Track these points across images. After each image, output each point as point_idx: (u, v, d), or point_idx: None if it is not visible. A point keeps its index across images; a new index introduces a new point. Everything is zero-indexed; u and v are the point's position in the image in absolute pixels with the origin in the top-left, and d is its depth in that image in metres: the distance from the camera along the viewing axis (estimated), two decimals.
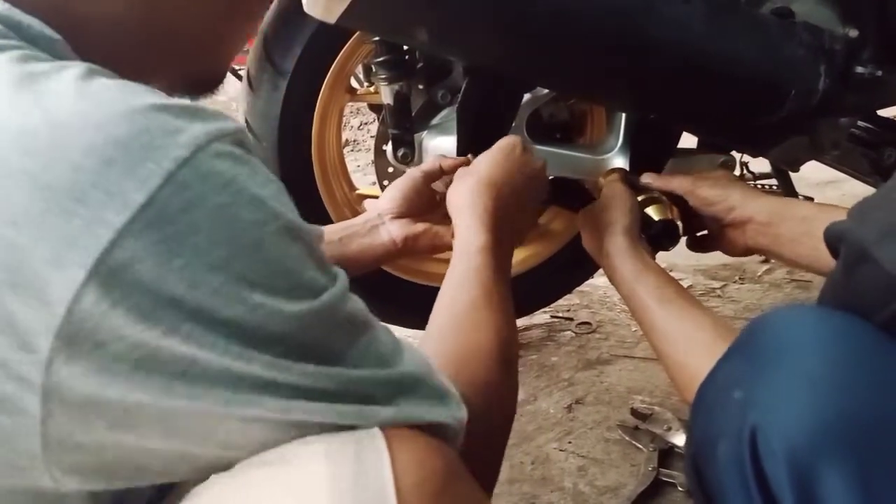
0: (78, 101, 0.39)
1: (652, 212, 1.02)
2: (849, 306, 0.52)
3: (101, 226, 0.37)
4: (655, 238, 1.00)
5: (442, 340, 0.65)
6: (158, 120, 0.39)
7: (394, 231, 0.93)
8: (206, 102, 0.57)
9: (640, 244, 0.93)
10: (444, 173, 0.98)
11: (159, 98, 0.41)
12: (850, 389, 0.50)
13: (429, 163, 1.00)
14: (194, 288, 0.38)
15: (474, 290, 0.71)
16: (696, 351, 0.75)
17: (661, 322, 0.81)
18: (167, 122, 0.40)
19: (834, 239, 0.55)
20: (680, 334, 0.78)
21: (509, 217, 0.83)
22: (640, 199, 1.02)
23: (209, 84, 0.60)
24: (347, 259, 0.92)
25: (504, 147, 0.89)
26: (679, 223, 1.02)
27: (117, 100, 0.40)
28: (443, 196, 0.90)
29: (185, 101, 0.43)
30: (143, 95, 0.41)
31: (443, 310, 0.70)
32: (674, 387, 0.78)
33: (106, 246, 0.37)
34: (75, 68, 0.41)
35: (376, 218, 0.92)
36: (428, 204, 0.96)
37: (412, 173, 0.96)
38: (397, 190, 0.94)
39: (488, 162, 0.87)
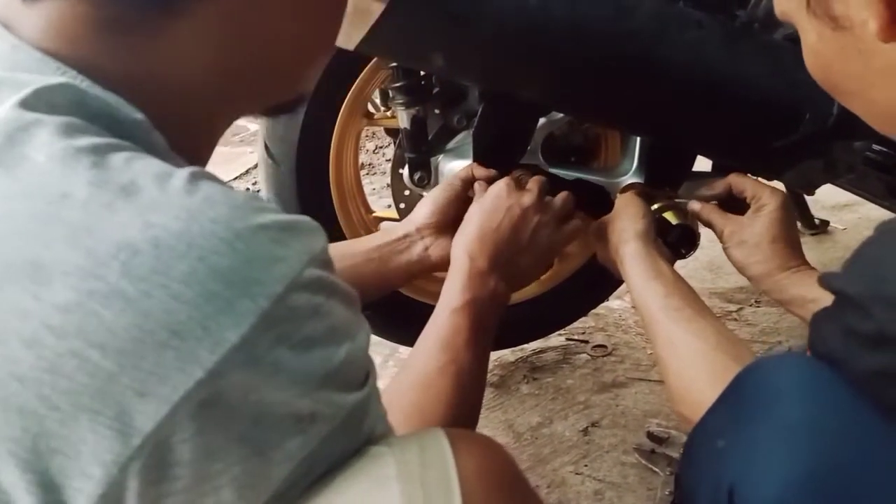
0: (181, 220, 0.38)
1: (669, 217, 1.02)
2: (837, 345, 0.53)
3: (194, 363, 0.37)
4: (673, 244, 1.00)
5: (402, 406, 0.70)
6: (259, 248, 0.40)
7: (430, 247, 0.94)
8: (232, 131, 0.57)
9: (657, 249, 0.92)
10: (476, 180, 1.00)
11: (261, 214, 0.41)
12: (823, 445, 0.51)
13: (464, 170, 1.01)
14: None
15: (444, 355, 0.76)
16: (694, 360, 0.74)
17: (665, 331, 0.79)
18: (267, 250, 0.40)
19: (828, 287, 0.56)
20: (681, 343, 0.76)
21: (500, 267, 0.86)
22: (656, 206, 1.02)
23: (290, 106, 0.59)
24: (386, 276, 0.94)
25: (494, 195, 0.92)
26: (697, 230, 1.02)
27: (221, 221, 0.39)
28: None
29: (284, 217, 0.42)
30: (246, 213, 0.40)
31: (411, 372, 0.75)
32: (668, 396, 0.77)
33: (194, 385, 0.37)
34: (178, 179, 0.40)
35: (414, 233, 0.92)
36: (462, 212, 0.97)
37: (451, 181, 0.97)
38: (433, 204, 0.95)
39: (479, 215, 0.90)
